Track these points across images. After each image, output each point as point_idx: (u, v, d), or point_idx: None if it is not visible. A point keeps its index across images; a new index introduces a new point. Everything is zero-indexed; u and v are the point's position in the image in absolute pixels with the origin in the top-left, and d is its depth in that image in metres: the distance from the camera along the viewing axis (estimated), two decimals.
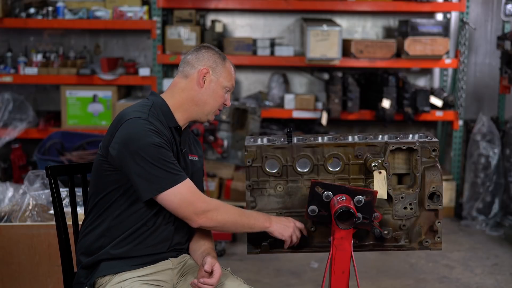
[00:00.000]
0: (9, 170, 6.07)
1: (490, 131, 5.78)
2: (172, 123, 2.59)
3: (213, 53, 2.65)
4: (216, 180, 5.92)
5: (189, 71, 2.62)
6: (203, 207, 2.48)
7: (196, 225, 2.50)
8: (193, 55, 2.65)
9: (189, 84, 2.62)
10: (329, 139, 2.57)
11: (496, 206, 5.76)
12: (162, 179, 2.43)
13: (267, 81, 6.43)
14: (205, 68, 2.61)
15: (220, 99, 2.64)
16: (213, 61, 2.63)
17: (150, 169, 2.42)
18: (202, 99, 2.61)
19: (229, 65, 2.68)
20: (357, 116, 6.05)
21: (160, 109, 2.58)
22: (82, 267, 2.58)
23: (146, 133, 2.44)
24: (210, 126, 4.99)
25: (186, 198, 2.46)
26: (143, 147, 2.42)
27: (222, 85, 2.63)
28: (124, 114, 2.53)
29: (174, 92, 2.63)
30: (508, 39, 5.53)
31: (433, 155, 2.52)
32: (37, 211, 3.51)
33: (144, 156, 2.42)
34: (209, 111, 2.64)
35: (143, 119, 2.48)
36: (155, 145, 2.43)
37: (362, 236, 2.56)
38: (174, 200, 2.46)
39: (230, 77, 2.66)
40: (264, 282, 4.46)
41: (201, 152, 2.80)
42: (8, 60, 6.06)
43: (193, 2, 6.00)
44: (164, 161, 2.43)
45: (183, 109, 2.62)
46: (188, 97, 2.61)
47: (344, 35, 6.17)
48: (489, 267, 4.81)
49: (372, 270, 4.69)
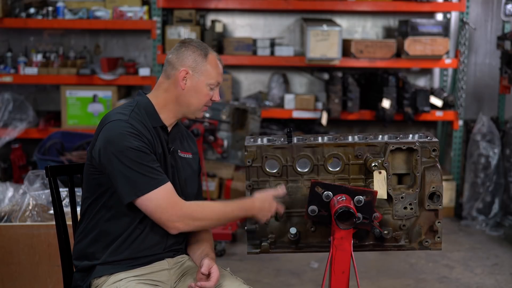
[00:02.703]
0: (9, 170, 6.07)
1: (490, 131, 5.78)
2: (157, 122, 2.56)
3: (193, 51, 2.57)
4: (216, 180, 5.93)
5: (171, 71, 2.59)
6: (178, 214, 2.45)
7: (172, 231, 2.47)
8: (173, 54, 2.60)
9: (172, 85, 2.58)
10: (329, 139, 2.57)
11: (496, 206, 5.76)
12: (139, 184, 2.41)
13: (267, 81, 6.43)
14: (184, 69, 2.55)
15: (204, 98, 2.59)
16: (193, 60, 2.56)
17: (127, 173, 2.41)
18: (185, 100, 2.58)
19: (213, 61, 2.59)
20: (357, 116, 6.05)
21: (145, 109, 2.56)
22: (78, 271, 2.58)
23: (124, 137, 2.42)
24: (210, 126, 4.99)
25: (161, 204, 2.43)
26: (121, 151, 2.41)
27: (205, 83, 2.57)
28: (107, 117, 2.52)
29: (159, 92, 2.61)
30: (508, 39, 5.53)
31: (433, 155, 2.52)
32: (37, 211, 3.51)
33: (122, 159, 2.41)
34: (194, 110, 2.61)
35: (124, 121, 2.46)
36: (133, 148, 2.41)
37: (362, 236, 2.56)
38: (150, 205, 2.43)
39: (213, 74, 2.58)
40: (264, 282, 4.46)
41: (196, 148, 2.77)
42: (8, 60, 6.06)
43: (193, 2, 6.00)
44: (141, 165, 2.41)
45: (168, 108, 2.59)
46: (172, 98, 2.58)
47: (344, 35, 6.17)
48: (489, 267, 4.81)
49: (372, 270, 4.69)
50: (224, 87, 6.07)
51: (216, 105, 5.11)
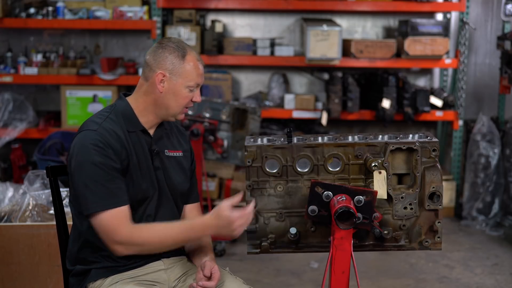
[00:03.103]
0: (9, 170, 6.07)
1: (490, 131, 5.78)
2: (136, 127, 2.53)
3: (169, 53, 2.50)
4: (216, 180, 5.93)
5: (148, 73, 2.53)
6: (117, 239, 2.40)
7: (115, 253, 2.44)
8: (151, 55, 2.53)
9: (150, 88, 2.53)
10: (329, 139, 2.57)
11: (496, 206, 5.76)
12: (89, 201, 2.40)
13: (267, 81, 6.43)
14: (160, 73, 2.49)
15: (183, 100, 2.53)
16: (170, 62, 2.50)
17: (83, 188, 2.40)
18: (163, 103, 2.53)
19: (191, 62, 2.52)
20: (357, 116, 6.05)
21: (123, 113, 2.52)
22: (73, 275, 2.57)
23: (87, 151, 2.40)
24: (210, 126, 4.99)
25: (104, 226, 2.40)
26: (81, 165, 2.40)
27: (184, 85, 2.51)
28: (83, 125, 2.51)
29: (138, 95, 2.57)
30: (508, 39, 5.53)
31: (433, 155, 2.52)
32: (37, 211, 3.51)
33: (81, 174, 2.40)
34: (174, 113, 2.56)
35: (93, 131, 2.43)
36: (93, 164, 2.38)
37: (362, 236, 2.55)
38: (95, 224, 2.42)
39: (192, 76, 2.52)
40: (264, 282, 4.46)
41: (188, 145, 2.71)
42: (8, 60, 6.06)
43: (193, 2, 6.00)
44: (96, 184, 2.39)
45: (148, 111, 2.55)
46: (151, 100, 2.54)
47: (344, 35, 6.17)
48: (489, 267, 4.81)
49: (372, 270, 4.69)
50: (224, 87, 6.08)
51: (216, 105, 5.11)
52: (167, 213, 2.59)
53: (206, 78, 6.11)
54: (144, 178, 2.52)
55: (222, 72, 6.21)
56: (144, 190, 2.51)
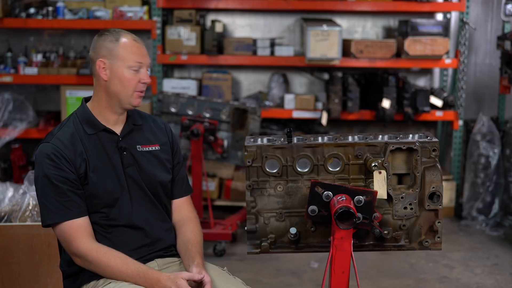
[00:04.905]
0: (9, 170, 6.07)
1: (490, 131, 5.78)
2: (97, 128, 2.54)
3: (104, 39, 2.52)
4: (216, 180, 5.93)
5: (93, 67, 2.56)
6: (73, 251, 2.45)
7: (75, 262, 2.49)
8: (91, 49, 2.56)
9: (97, 81, 2.55)
10: (329, 139, 2.57)
11: (496, 206, 5.76)
12: (44, 214, 2.47)
13: (267, 81, 6.43)
14: (100, 60, 2.51)
15: (129, 83, 2.51)
16: (105, 48, 2.51)
17: (39, 200, 2.48)
18: (112, 91, 2.53)
19: (126, 43, 2.52)
20: (357, 116, 6.05)
21: (82, 118, 2.55)
22: (65, 277, 2.58)
23: (41, 163, 2.44)
24: (210, 126, 4.99)
25: (61, 237, 2.47)
26: (36, 178, 2.47)
27: (125, 67, 2.51)
28: (46, 135, 2.56)
29: (94, 94, 2.60)
30: (508, 39, 5.53)
31: (433, 155, 2.52)
32: (37, 211, 3.51)
33: (37, 186, 2.48)
34: (126, 98, 2.53)
35: (47, 143, 2.47)
36: (45, 177, 2.43)
37: (362, 236, 2.55)
38: (55, 234, 2.50)
39: (130, 56, 2.51)
40: (264, 282, 4.46)
41: (166, 138, 2.69)
42: (8, 60, 6.06)
43: (193, 2, 6.00)
44: (49, 197, 2.44)
45: (103, 107, 2.55)
46: (101, 94, 2.55)
47: (344, 35, 6.17)
48: (489, 267, 4.81)
49: (372, 270, 4.68)
50: (224, 87, 6.08)
51: (216, 105, 5.11)
52: (143, 212, 2.56)
53: (206, 78, 6.12)
54: (110, 179, 2.51)
55: (222, 72, 6.21)
56: (111, 192, 2.50)
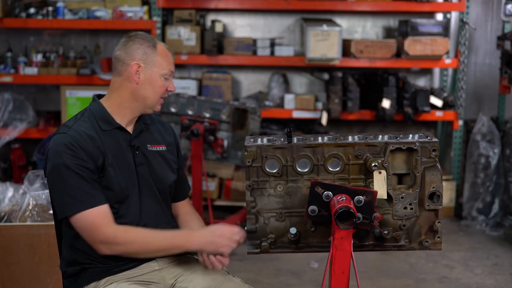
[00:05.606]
0: (9, 170, 6.07)
1: (490, 131, 5.78)
2: (111, 125, 2.53)
3: (140, 43, 2.55)
4: (216, 180, 5.93)
5: (121, 68, 2.56)
6: (100, 238, 2.41)
7: (99, 252, 2.44)
8: (121, 50, 2.56)
9: (125, 82, 2.55)
10: (329, 139, 2.57)
11: (496, 206, 5.76)
12: (66, 204, 2.41)
13: (267, 81, 6.43)
14: (135, 63, 2.52)
15: (160, 89, 2.56)
16: (142, 52, 2.54)
17: (58, 191, 2.42)
18: (141, 95, 2.55)
19: (162, 50, 2.57)
20: (357, 116, 6.05)
21: (96, 114, 2.53)
22: (65, 278, 2.57)
23: (59, 154, 2.40)
24: (210, 126, 4.99)
25: (85, 226, 2.41)
26: (54, 168, 2.41)
27: (159, 74, 2.55)
28: (58, 128, 2.52)
29: (112, 92, 2.59)
30: (508, 39, 5.53)
31: (433, 155, 2.52)
32: (37, 211, 3.51)
33: (55, 177, 2.42)
34: (151, 104, 2.57)
35: (65, 134, 2.44)
36: (65, 167, 2.39)
37: (362, 236, 2.55)
38: (76, 225, 2.43)
39: (165, 64, 2.56)
40: (264, 282, 4.46)
41: (172, 138, 2.72)
42: (8, 60, 6.06)
43: (193, 2, 6.00)
44: (70, 186, 2.39)
45: (123, 107, 2.56)
46: (126, 95, 2.55)
47: (344, 35, 6.17)
48: (489, 267, 4.81)
49: (372, 270, 4.68)
50: (224, 87, 6.08)
51: (216, 105, 5.11)
52: (152, 210, 2.58)
53: (206, 78, 6.12)
54: (123, 176, 2.51)
55: (222, 72, 6.21)
56: (123, 189, 2.51)
